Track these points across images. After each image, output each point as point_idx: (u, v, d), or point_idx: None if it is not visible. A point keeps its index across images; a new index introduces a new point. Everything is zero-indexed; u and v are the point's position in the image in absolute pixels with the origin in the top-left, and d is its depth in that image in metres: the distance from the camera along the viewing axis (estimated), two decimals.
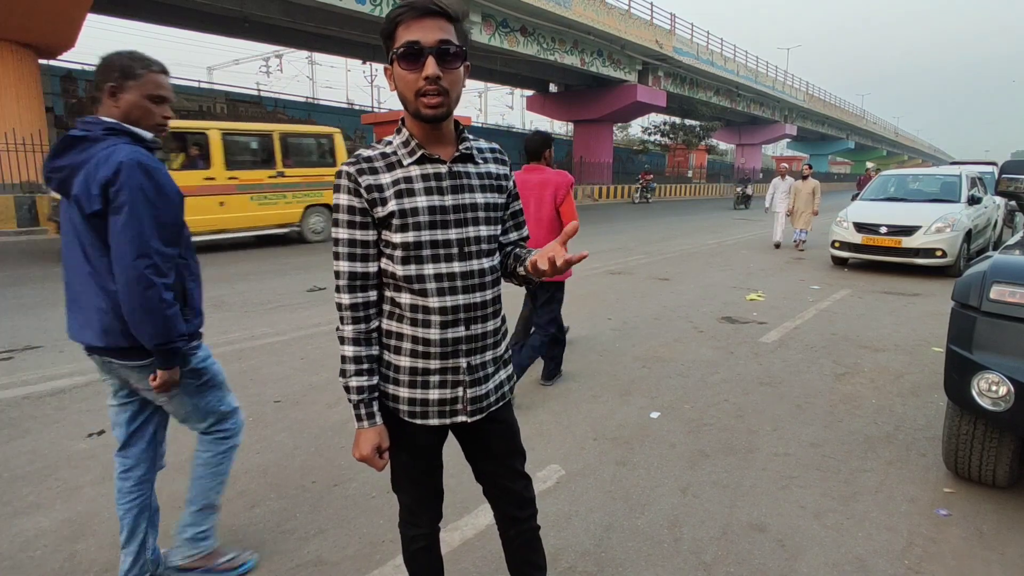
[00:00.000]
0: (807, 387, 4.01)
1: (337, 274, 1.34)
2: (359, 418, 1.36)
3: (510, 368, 1.54)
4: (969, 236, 8.46)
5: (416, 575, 1.60)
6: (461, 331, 1.36)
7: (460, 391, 1.39)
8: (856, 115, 60.54)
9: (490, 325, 1.41)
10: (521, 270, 1.42)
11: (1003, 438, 2.54)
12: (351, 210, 1.30)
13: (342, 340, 1.36)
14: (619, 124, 38.56)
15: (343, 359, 1.35)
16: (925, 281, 8.05)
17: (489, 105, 67.37)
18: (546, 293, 3.77)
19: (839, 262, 9.28)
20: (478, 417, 1.43)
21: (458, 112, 1.38)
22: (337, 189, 1.31)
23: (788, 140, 55.85)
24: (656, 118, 37.92)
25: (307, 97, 33.28)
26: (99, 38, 13.63)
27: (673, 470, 2.85)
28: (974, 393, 2.40)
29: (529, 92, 34.85)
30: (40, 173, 13.18)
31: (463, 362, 1.37)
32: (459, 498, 2.50)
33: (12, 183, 12.75)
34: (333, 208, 1.32)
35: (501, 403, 1.49)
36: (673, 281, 7.82)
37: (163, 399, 1.90)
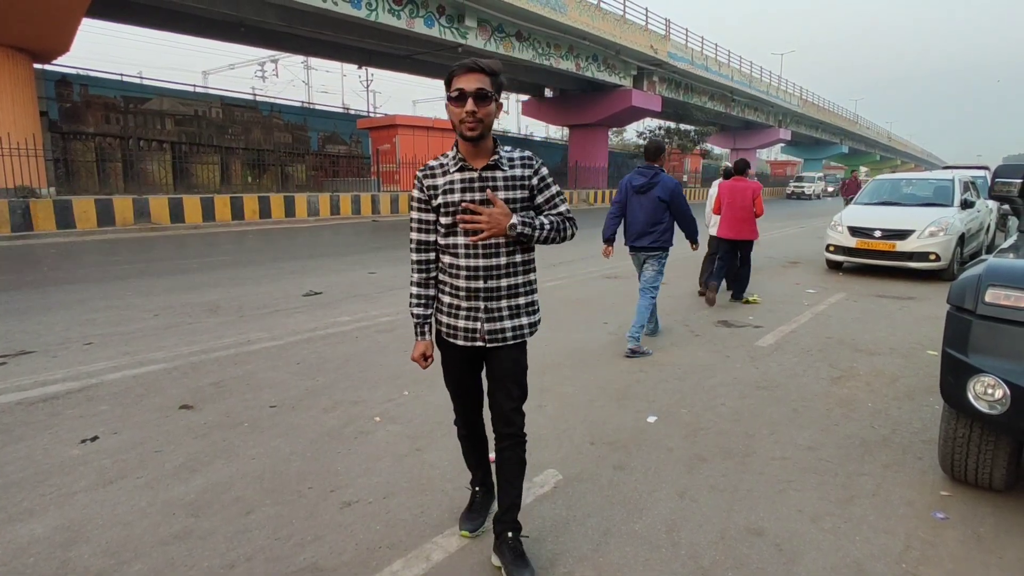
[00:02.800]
0: (803, 391, 4.02)
1: (410, 240, 2.06)
2: (415, 334, 2.11)
3: (534, 317, 2.10)
4: (962, 240, 8.50)
5: (464, 451, 2.35)
6: (480, 283, 1.98)
7: (479, 324, 2.01)
8: (850, 120, 60.81)
9: (504, 281, 2.00)
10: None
11: (999, 441, 2.55)
12: (419, 200, 2.01)
13: (411, 283, 2.10)
14: (614, 128, 38.62)
15: (410, 295, 2.11)
16: (919, 285, 8.08)
17: None
18: (744, 248, 6.86)
19: (834, 266, 9.30)
20: (494, 345, 2.03)
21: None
22: (413, 187, 2.02)
23: (782, 145, 56.07)
24: (651, 123, 38.11)
25: (303, 102, 33.26)
26: (94, 43, 13.60)
27: (670, 474, 2.85)
28: (970, 396, 2.41)
29: (525, 97, 34.89)
30: (34, 177, 13.22)
31: (481, 304, 2.00)
32: (457, 505, 2.49)
33: (6, 188, 12.67)
34: (410, 198, 2.03)
35: (517, 340, 2.05)
36: (669, 285, 7.82)
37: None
